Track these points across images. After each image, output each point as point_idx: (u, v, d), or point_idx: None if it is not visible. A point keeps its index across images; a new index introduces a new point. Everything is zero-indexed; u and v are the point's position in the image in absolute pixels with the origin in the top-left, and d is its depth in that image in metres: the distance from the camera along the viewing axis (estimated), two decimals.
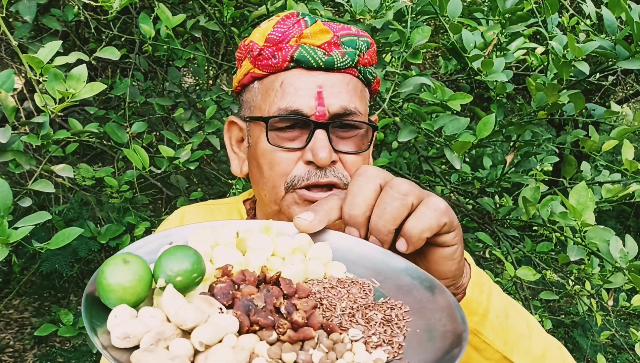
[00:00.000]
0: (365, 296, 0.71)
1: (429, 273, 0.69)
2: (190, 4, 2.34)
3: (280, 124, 0.92)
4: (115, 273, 0.59)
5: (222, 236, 0.75)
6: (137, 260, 0.61)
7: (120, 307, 0.59)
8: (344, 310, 0.68)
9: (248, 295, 0.63)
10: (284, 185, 0.92)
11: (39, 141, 1.28)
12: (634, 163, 1.61)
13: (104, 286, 0.59)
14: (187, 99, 2.13)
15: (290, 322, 0.61)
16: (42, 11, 1.97)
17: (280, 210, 0.95)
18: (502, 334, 0.79)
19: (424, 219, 0.64)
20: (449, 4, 1.45)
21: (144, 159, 1.68)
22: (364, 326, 0.65)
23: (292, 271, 0.72)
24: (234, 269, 0.68)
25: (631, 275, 1.33)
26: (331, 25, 0.94)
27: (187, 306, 0.57)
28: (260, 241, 0.75)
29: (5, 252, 1.05)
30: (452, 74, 2.14)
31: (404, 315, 0.68)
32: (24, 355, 3.73)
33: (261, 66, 0.94)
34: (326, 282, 0.73)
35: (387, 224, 0.63)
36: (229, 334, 0.57)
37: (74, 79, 1.13)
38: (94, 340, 0.55)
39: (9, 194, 1.05)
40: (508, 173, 2.02)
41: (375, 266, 0.75)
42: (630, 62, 1.36)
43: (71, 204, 2.51)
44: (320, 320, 0.63)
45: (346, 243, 0.79)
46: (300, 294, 0.67)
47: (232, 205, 1.11)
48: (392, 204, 0.63)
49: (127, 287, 0.59)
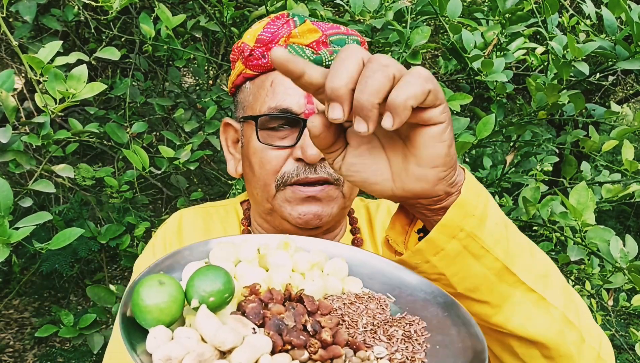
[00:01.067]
0: (382, 311, 0.71)
1: (420, 159, 0.64)
2: (190, 4, 2.34)
3: (271, 123, 0.93)
4: (151, 294, 0.60)
5: (243, 252, 0.75)
6: (171, 280, 0.63)
7: (158, 328, 0.59)
8: (365, 326, 0.68)
9: (277, 314, 0.64)
10: (274, 183, 0.93)
11: (39, 141, 1.28)
12: (634, 163, 1.61)
13: (141, 307, 0.61)
14: (187, 99, 2.13)
15: (320, 340, 0.61)
16: (42, 11, 1.97)
17: (272, 208, 0.95)
18: (502, 243, 0.71)
19: (407, 87, 0.57)
20: (448, 4, 1.45)
21: (144, 160, 1.68)
22: (387, 343, 0.66)
23: (313, 287, 0.72)
24: (261, 287, 0.69)
25: (631, 275, 1.33)
26: (320, 25, 0.95)
27: (224, 328, 0.58)
28: (280, 257, 0.76)
29: (6, 252, 1.05)
30: (452, 74, 2.14)
31: (422, 331, 0.68)
32: (24, 355, 3.73)
33: (252, 66, 0.95)
34: (345, 298, 0.73)
35: (370, 98, 0.56)
36: (265, 355, 0.58)
37: (74, 79, 1.13)
38: (137, 361, 0.55)
39: (10, 195, 1.05)
40: (508, 173, 2.01)
41: (390, 281, 0.76)
42: (630, 62, 1.36)
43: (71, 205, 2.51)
44: (346, 337, 0.63)
45: (360, 258, 0.80)
46: (322, 311, 0.68)
47: (229, 207, 1.11)
48: (374, 76, 0.56)
49: (163, 308, 0.60)
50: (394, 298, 0.74)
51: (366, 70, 0.58)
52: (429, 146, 0.63)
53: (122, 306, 0.63)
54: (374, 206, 1.13)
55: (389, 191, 0.67)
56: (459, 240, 0.69)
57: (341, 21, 1.53)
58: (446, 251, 0.69)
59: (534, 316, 0.74)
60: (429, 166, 0.64)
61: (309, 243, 0.81)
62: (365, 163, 0.67)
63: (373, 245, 1.07)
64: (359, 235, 1.07)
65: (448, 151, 0.64)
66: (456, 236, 0.68)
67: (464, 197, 0.67)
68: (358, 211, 1.12)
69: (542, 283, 0.75)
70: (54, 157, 1.92)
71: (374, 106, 0.57)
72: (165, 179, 2.49)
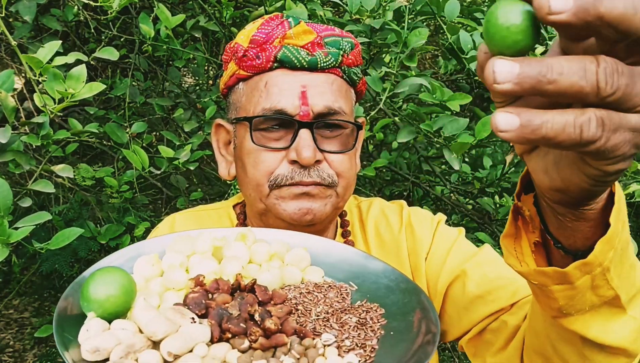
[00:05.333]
0: (342, 300, 0.71)
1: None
2: (190, 4, 2.34)
3: (265, 124, 0.93)
4: (100, 285, 0.60)
5: (198, 245, 0.75)
6: (120, 272, 0.62)
7: (93, 321, 0.59)
8: (318, 314, 0.67)
9: (222, 303, 0.63)
10: (267, 183, 0.92)
11: (39, 141, 1.28)
12: (634, 163, 1.61)
13: (88, 298, 0.60)
14: (187, 99, 2.13)
15: (263, 328, 0.60)
16: (42, 11, 1.97)
17: (266, 208, 0.95)
18: (618, 268, 0.61)
19: None
20: (446, 4, 1.45)
21: (144, 160, 1.68)
22: (338, 330, 0.65)
23: (268, 277, 0.72)
24: (208, 278, 0.68)
25: None
26: (315, 26, 0.94)
27: (158, 318, 0.57)
28: (236, 249, 0.75)
29: (6, 252, 1.05)
30: (452, 74, 2.14)
31: (379, 317, 0.68)
32: (24, 355, 3.73)
33: (246, 67, 0.94)
34: (303, 288, 0.73)
35: None
36: (200, 344, 0.57)
37: (73, 79, 1.13)
38: (64, 355, 0.54)
39: (9, 195, 1.05)
40: (508, 173, 2.01)
41: (354, 269, 0.76)
42: None
43: (71, 204, 2.51)
44: (294, 326, 0.63)
45: (326, 247, 0.79)
46: (276, 300, 0.67)
47: (222, 210, 1.11)
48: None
49: (111, 299, 0.60)
50: (356, 286, 0.74)
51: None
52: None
53: (61, 301, 0.63)
54: (365, 205, 1.13)
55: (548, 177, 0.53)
56: (592, 276, 0.59)
57: (341, 21, 1.53)
58: (574, 285, 0.60)
59: (613, 327, 0.66)
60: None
61: (270, 234, 0.81)
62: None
63: (365, 244, 1.07)
64: (350, 237, 1.07)
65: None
66: (591, 273, 0.59)
67: (613, 230, 0.56)
68: (350, 211, 1.11)
69: (635, 302, 0.66)
70: (54, 157, 1.92)
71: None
72: (165, 179, 2.49)
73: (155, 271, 0.71)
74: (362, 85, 1.03)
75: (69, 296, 0.64)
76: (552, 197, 0.55)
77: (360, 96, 1.04)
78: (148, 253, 0.74)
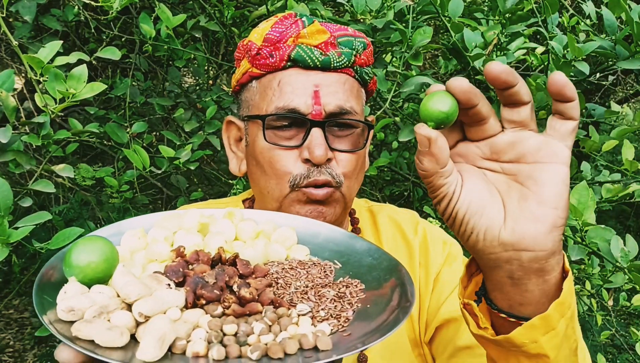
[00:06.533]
0: (325, 276, 0.72)
1: (543, 198, 0.59)
2: (190, 4, 2.34)
3: (278, 122, 0.93)
4: (82, 252, 0.62)
5: (185, 222, 0.76)
6: (103, 240, 0.64)
7: (72, 284, 0.60)
8: (297, 288, 0.69)
9: (200, 273, 0.65)
10: (288, 183, 0.93)
11: (39, 141, 1.28)
12: (634, 163, 1.61)
13: (70, 263, 0.61)
14: (187, 99, 2.13)
15: (238, 297, 0.62)
16: (42, 11, 1.97)
17: (280, 207, 0.95)
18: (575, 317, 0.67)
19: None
20: (450, 3, 1.44)
21: (144, 160, 1.68)
22: (315, 302, 0.66)
23: (251, 253, 0.73)
24: (189, 250, 0.70)
25: (632, 274, 1.33)
26: (328, 25, 0.95)
27: (133, 282, 0.59)
28: (222, 225, 0.76)
29: (6, 252, 1.05)
30: (452, 74, 2.14)
31: (358, 292, 0.69)
32: (24, 355, 3.73)
33: (259, 65, 0.95)
34: (286, 264, 0.74)
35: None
36: (172, 308, 0.59)
37: (74, 79, 1.13)
38: (42, 318, 0.56)
39: (10, 194, 1.05)
40: None
41: (340, 249, 0.78)
42: (630, 62, 1.35)
43: (71, 204, 2.51)
44: (271, 296, 0.64)
45: (314, 228, 0.81)
46: (257, 274, 0.68)
47: (231, 205, 1.11)
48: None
49: (92, 265, 0.61)
50: (340, 264, 0.76)
51: None
52: (555, 185, 0.59)
53: (43, 269, 0.65)
54: (377, 209, 1.13)
55: (496, 233, 0.61)
56: (566, 319, 0.63)
57: (341, 21, 1.53)
58: (557, 330, 0.63)
59: None
60: (551, 206, 0.59)
61: (258, 215, 0.83)
62: (483, 199, 0.62)
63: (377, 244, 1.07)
64: (360, 234, 1.07)
65: (567, 198, 0.60)
66: (565, 315, 0.63)
67: (570, 274, 0.63)
68: (361, 213, 1.12)
69: (582, 354, 0.75)
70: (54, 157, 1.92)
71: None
72: (165, 179, 2.49)
73: (141, 244, 0.73)
74: (373, 84, 1.04)
75: (53, 265, 0.66)
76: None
77: (370, 95, 1.05)
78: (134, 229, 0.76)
